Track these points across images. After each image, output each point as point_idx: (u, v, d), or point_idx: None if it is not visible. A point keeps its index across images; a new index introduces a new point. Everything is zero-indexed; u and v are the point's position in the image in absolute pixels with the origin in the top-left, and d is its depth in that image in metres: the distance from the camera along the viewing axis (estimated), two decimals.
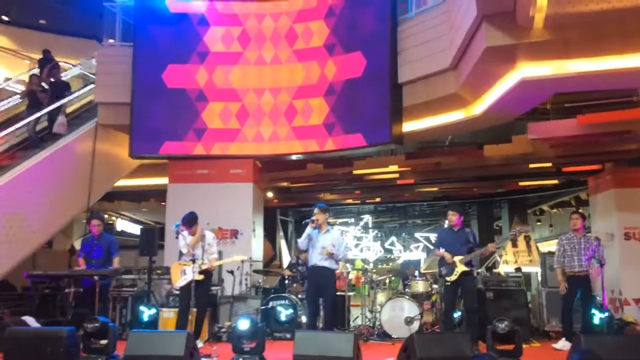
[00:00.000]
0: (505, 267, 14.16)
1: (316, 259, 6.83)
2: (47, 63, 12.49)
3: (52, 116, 9.98)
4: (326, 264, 6.82)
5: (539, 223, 18.75)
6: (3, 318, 7.54)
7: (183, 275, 6.90)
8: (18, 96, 10.64)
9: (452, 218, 7.14)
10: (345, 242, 7.41)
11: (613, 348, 5.06)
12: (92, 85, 10.88)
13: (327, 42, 9.70)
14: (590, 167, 11.35)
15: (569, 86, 7.37)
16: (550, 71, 6.64)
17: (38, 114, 9.81)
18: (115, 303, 8.30)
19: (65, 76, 12.33)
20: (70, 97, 10.65)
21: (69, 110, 11.13)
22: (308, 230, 6.87)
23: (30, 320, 6.70)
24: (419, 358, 5.19)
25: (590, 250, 7.07)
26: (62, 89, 10.52)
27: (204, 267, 6.82)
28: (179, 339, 5.48)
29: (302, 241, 6.94)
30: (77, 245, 12.18)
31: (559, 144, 9.42)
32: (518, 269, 11.45)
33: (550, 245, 17.54)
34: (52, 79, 10.67)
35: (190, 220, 6.98)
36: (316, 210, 6.93)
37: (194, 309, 6.82)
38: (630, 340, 5.83)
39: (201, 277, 6.81)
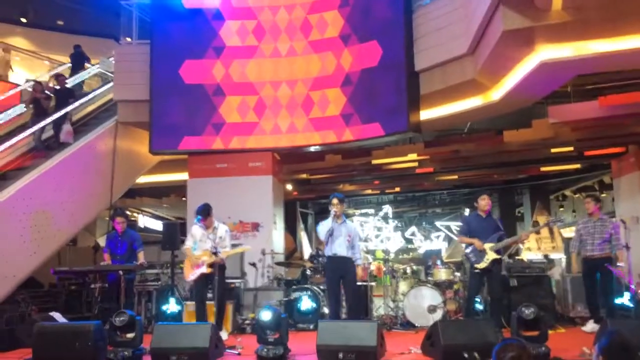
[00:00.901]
0: (528, 254, 14.03)
1: (336, 249, 6.71)
2: (79, 58, 12.64)
3: (57, 125, 9.80)
4: (345, 253, 6.69)
5: (561, 209, 18.49)
6: (31, 314, 7.70)
7: (194, 269, 6.94)
8: (23, 105, 10.52)
9: (484, 202, 6.88)
10: (359, 234, 7.29)
11: None
12: (110, 84, 10.98)
13: (342, 32, 9.66)
14: (613, 149, 11.16)
15: (590, 67, 7.25)
16: (570, 53, 6.54)
17: (42, 123, 9.68)
18: (140, 297, 8.41)
19: (84, 76, 12.54)
20: (75, 105, 10.40)
21: (90, 109, 11.28)
22: (329, 222, 6.72)
23: (58, 316, 6.81)
24: (443, 345, 5.19)
25: (606, 233, 7.04)
26: (66, 96, 10.30)
27: (211, 260, 6.77)
28: (204, 331, 5.56)
29: (324, 234, 6.74)
30: (101, 242, 12.40)
31: (581, 127, 9.28)
32: (546, 256, 11.33)
33: (574, 231, 17.31)
34: (56, 87, 10.53)
35: (203, 211, 6.96)
36: (335, 200, 6.76)
37: (211, 302, 6.87)
38: None
39: (210, 270, 6.77)
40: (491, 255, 6.66)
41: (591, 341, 5.16)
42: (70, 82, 11.53)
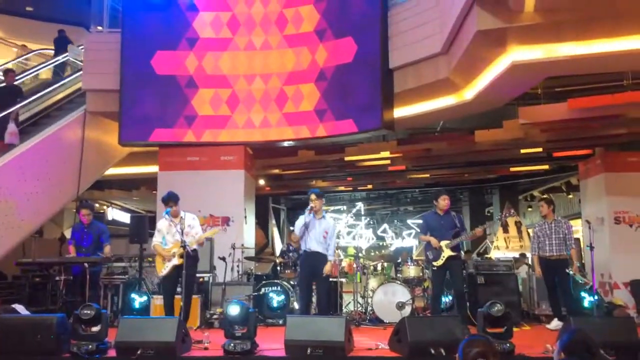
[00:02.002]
0: (496, 253, 14.26)
1: (310, 243, 6.71)
2: (62, 42, 12.24)
3: (1, 124, 9.05)
4: (320, 249, 6.72)
5: (530, 209, 18.86)
6: None
7: (166, 263, 6.80)
8: None
9: (444, 202, 7.12)
10: (336, 231, 7.39)
11: (602, 329, 5.13)
12: (79, 73, 10.74)
13: (318, 27, 9.63)
14: (580, 151, 11.40)
15: (560, 70, 7.37)
16: (541, 55, 6.63)
17: None
18: (106, 291, 8.27)
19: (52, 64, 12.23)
20: (24, 102, 9.78)
21: (60, 96, 10.99)
22: (305, 217, 6.72)
23: (21, 308, 6.65)
24: (410, 341, 5.22)
25: (561, 234, 7.28)
26: (13, 94, 9.68)
27: (181, 251, 6.59)
28: (170, 324, 5.50)
29: (299, 228, 6.75)
30: (68, 234, 12.15)
31: (550, 129, 9.44)
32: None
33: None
34: (2, 84, 9.94)
35: (171, 198, 6.79)
36: (313, 196, 6.77)
37: (179, 296, 6.75)
38: (618, 321, 5.90)
39: (181, 260, 6.60)
40: (447, 252, 6.87)
41: (555, 338, 5.26)
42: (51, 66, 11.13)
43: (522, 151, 11.50)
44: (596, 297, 7.66)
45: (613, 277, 9.78)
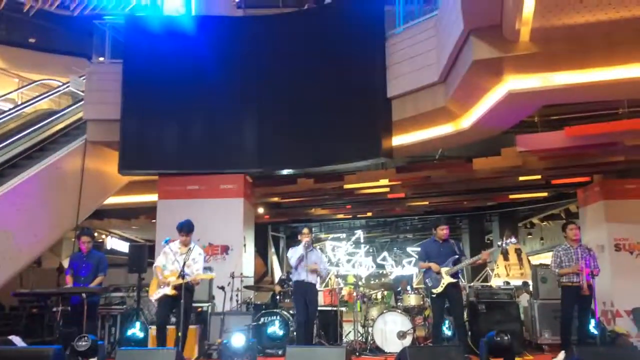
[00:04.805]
0: (497, 280, 14.15)
1: (305, 275, 7.33)
2: None
3: None
4: (312, 280, 7.37)
5: (529, 236, 18.82)
6: None
7: (159, 289, 6.72)
8: None
9: (442, 232, 7.17)
10: (325, 260, 8.18)
11: (607, 358, 5.07)
12: (81, 103, 10.83)
13: None
14: (579, 179, 11.43)
15: (556, 98, 7.43)
16: (537, 83, 6.70)
17: None
18: (104, 321, 8.19)
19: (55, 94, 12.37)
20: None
21: (59, 127, 11.06)
22: (301, 249, 7.37)
23: (17, 340, 6.56)
24: None
25: (586, 260, 6.99)
26: None
27: (177, 282, 6.52)
28: (168, 356, 5.43)
29: (295, 259, 7.42)
30: (66, 263, 12.07)
31: (548, 156, 9.48)
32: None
33: (541, 258, 17.60)
34: None
35: (187, 227, 6.82)
36: (306, 230, 7.51)
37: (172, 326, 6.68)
38: (622, 351, 5.84)
39: (174, 292, 6.52)
40: (447, 279, 6.84)
41: None
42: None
43: (521, 178, 11.53)
44: (599, 326, 7.56)
45: (615, 304, 9.70)
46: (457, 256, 6.96)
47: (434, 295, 6.94)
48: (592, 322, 7.33)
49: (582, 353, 5.12)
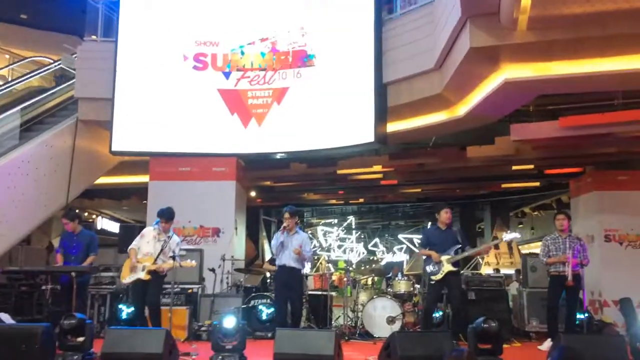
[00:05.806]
0: (487, 269, 14.28)
1: (285, 259, 7.04)
2: None
3: None
4: (294, 264, 7.04)
5: (520, 225, 18.93)
6: None
7: (131, 273, 6.67)
8: None
9: (446, 215, 7.07)
10: (311, 244, 7.62)
11: (593, 347, 5.11)
12: (72, 81, 10.69)
13: None
14: (571, 169, 11.47)
15: (552, 88, 7.43)
16: (533, 73, 6.69)
17: None
18: (93, 301, 8.17)
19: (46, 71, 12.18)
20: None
21: (49, 105, 10.92)
22: (279, 236, 7.09)
23: (6, 317, 6.55)
24: (400, 356, 5.18)
25: (575, 250, 7.02)
26: None
27: (152, 267, 6.53)
28: (158, 336, 5.41)
29: (275, 247, 7.14)
30: (55, 242, 12.02)
31: (541, 146, 9.49)
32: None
33: (532, 248, 17.73)
34: None
35: (167, 214, 6.77)
36: (286, 215, 7.15)
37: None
38: (609, 339, 5.89)
39: (148, 277, 6.52)
40: (447, 267, 6.79)
41: (544, 357, 5.26)
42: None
43: (514, 168, 11.55)
44: (586, 315, 7.63)
45: (603, 294, 9.79)
46: (459, 245, 6.91)
47: (432, 282, 6.90)
48: (579, 311, 7.41)
49: (568, 341, 5.14)
